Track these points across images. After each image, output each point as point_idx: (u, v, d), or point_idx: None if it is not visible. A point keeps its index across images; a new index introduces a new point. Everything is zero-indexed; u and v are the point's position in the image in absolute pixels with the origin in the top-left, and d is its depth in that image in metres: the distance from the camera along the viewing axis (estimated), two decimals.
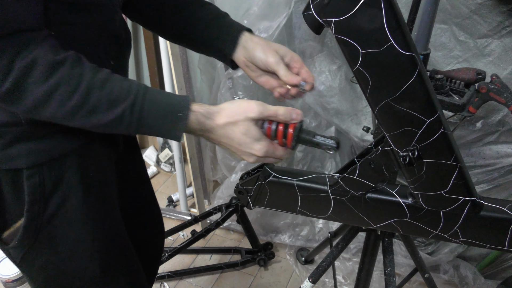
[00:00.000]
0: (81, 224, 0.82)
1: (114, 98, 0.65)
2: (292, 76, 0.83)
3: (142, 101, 0.67)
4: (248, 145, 0.71)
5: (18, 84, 0.60)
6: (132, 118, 0.66)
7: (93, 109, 0.64)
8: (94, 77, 0.64)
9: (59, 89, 0.62)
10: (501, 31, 1.41)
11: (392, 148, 0.70)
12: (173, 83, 1.85)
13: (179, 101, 0.69)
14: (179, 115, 0.68)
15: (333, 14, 0.61)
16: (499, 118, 1.52)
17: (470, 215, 0.74)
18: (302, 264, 1.92)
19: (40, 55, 0.60)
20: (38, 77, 0.60)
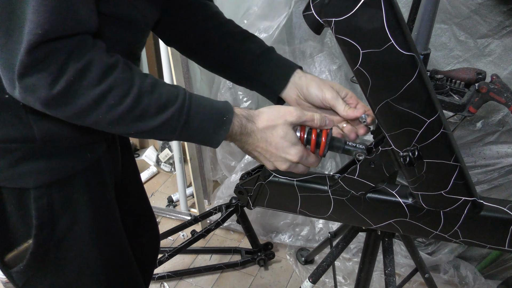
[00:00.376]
0: (90, 246, 0.81)
1: (163, 103, 0.64)
2: (352, 110, 0.80)
3: (189, 105, 0.66)
4: (285, 149, 0.71)
5: (70, 87, 0.58)
6: (178, 123, 0.66)
7: (142, 114, 0.63)
8: (144, 81, 0.63)
9: (111, 93, 0.60)
10: (501, 31, 1.41)
11: (392, 148, 0.70)
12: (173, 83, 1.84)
13: (222, 105, 0.69)
14: (224, 119, 0.68)
15: (333, 14, 0.61)
16: (499, 118, 1.52)
17: (470, 215, 0.74)
18: (302, 264, 1.92)
19: (95, 58, 0.59)
20: (92, 80, 0.59)
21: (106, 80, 0.60)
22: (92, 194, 0.80)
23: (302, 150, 0.72)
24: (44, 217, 0.74)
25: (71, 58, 0.57)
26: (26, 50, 0.54)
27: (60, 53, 0.56)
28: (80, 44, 0.58)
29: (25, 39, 0.53)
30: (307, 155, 0.73)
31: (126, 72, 0.62)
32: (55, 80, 0.57)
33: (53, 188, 0.74)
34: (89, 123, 0.63)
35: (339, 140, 0.76)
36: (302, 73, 0.85)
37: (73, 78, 0.57)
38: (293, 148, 0.71)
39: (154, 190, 2.40)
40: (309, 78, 0.83)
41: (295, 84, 0.84)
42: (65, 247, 0.78)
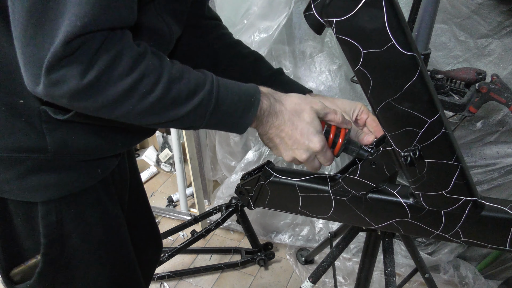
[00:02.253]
0: (100, 264, 0.79)
1: (193, 87, 0.63)
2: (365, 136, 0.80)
3: (218, 88, 0.65)
4: (310, 136, 0.70)
5: (101, 76, 0.56)
6: (208, 107, 0.64)
7: (173, 100, 0.62)
8: (172, 67, 0.62)
9: (143, 81, 0.59)
10: (501, 31, 1.41)
11: (394, 148, 0.70)
12: None
13: (250, 86, 0.69)
14: (252, 100, 0.67)
15: (334, 14, 0.61)
16: (499, 118, 1.52)
17: (471, 215, 0.74)
18: (302, 264, 1.92)
19: (125, 47, 0.57)
20: (123, 69, 0.57)
21: (137, 68, 0.58)
22: (103, 211, 0.77)
23: (325, 140, 0.72)
24: (53, 234, 0.71)
25: (102, 48, 0.55)
26: (63, 42, 0.52)
27: (92, 44, 0.54)
28: (111, 34, 0.56)
29: (63, 30, 0.52)
30: (327, 148, 0.73)
31: (155, 59, 0.61)
32: (86, 70, 0.55)
33: (62, 204, 0.71)
34: (118, 114, 0.61)
35: (355, 144, 0.76)
36: (312, 95, 0.85)
37: (105, 68, 0.56)
38: (317, 136, 0.70)
39: (154, 190, 2.40)
40: (321, 97, 0.83)
41: None
42: (74, 266, 0.75)
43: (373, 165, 0.74)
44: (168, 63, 0.63)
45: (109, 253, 0.80)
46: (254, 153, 1.87)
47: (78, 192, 0.73)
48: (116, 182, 0.84)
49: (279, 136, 0.72)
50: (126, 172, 0.90)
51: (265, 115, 0.69)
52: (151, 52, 0.61)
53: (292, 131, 0.70)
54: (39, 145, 0.67)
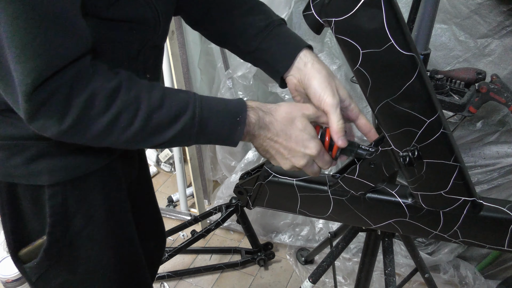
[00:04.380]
0: (103, 245, 0.81)
1: (174, 114, 0.63)
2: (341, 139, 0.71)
3: (201, 111, 0.64)
4: (305, 142, 0.69)
5: (79, 120, 0.58)
6: (192, 130, 0.65)
7: (155, 129, 0.63)
8: (151, 96, 0.62)
9: (121, 117, 0.60)
10: (501, 31, 1.41)
11: (392, 148, 0.70)
12: (173, 83, 1.85)
13: (235, 104, 0.67)
14: (238, 119, 0.66)
15: (333, 14, 0.61)
16: (499, 118, 1.52)
17: (470, 215, 0.74)
18: (302, 264, 1.92)
19: (97, 86, 0.58)
20: (99, 109, 0.58)
21: (113, 105, 0.59)
22: (107, 195, 0.79)
23: (321, 144, 0.71)
24: (58, 215, 0.74)
25: (73, 92, 0.56)
26: (24, 100, 0.54)
27: (60, 91, 0.56)
28: (79, 74, 0.57)
29: (18, 90, 0.54)
30: (324, 152, 0.71)
31: (131, 91, 0.61)
32: (62, 118, 0.57)
33: (68, 186, 0.74)
34: (106, 144, 0.63)
35: (353, 144, 0.74)
36: (310, 56, 0.76)
37: (80, 112, 0.57)
38: (313, 141, 0.69)
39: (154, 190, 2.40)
40: (316, 68, 0.74)
41: (298, 69, 0.76)
42: (78, 245, 0.78)
43: (371, 165, 0.74)
44: (146, 91, 0.62)
45: (111, 235, 0.82)
46: (254, 153, 1.87)
47: (83, 175, 0.75)
48: (124, 167, 0.85)
49: (274, 148, 0.71)
50: (134, 158, 0.92)
51: (255, 130, 0.68)
52: (127, 83, 0.61)
53: (286, 141, 0.69)
54: None
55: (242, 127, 0.67)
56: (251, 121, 0.67)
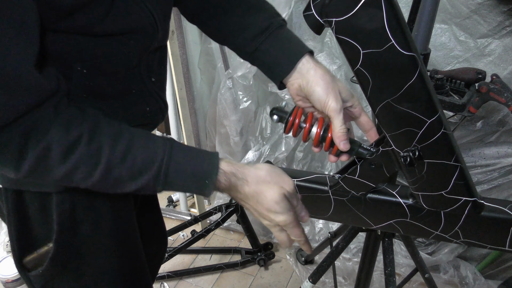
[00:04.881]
0: (110, 253, 0.80)
1: (136, 170, 0.62)
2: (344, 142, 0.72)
3: (166, 172, 0.63)
4: (276, 214, 0.67)
5: (34, 169, 0.57)
6: (156, 187, 0.64)
7: (115, 182, 0.62)
8: (114, 150, 0.60)
9: (78, 170, 0.59)
10: (501, 31, 1.41)
11: (393, 149, 0.70)
12: (173, 83, 1.85)
13: (205, 166, 0.65)
14: (206, 182, 0.65)
15: (333, 14, 0.60)
16: (499, 118, 1.52)
17: (471, 216, 0.74)
18: (302, 264, 1.92)
19: (53, 139, 0.56)
20: (54, 161, 0.57)
21: (70, 159, 0.58)
22: (114, 202, 0.78)
23: (293, 219, 0.68)
24: (66, 222, 0.73)
25: (28, 143, 0.55)
26: None
27: (13, 142, 0.55)
28: (35, 125, 0.55)
29: None
30: (295, 225, 0.69)
31: (92, 144, 0.59)
32: (18, 166, 0.57)
33: (75, 193, 0.72)
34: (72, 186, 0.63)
35: (354, 142, 0.74)
36: (312, 62, 0.75)
37: (35, 163, 0.57)
38: (286, 215, 0.67)
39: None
40: (319, 74, 0.73)
41: (300, 74, 0.75)
42: (85, 253, 0.77)
43: (372, 165, 0.74)
44: (110, 143, 0.60)
45: (118, 243, 0.81)
46: (254, 153, 1.87)
47: None
48: None
49: (245, 206, 0.71)
50: None
51: (225, 191, 0.68)
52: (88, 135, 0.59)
53: (256, 206, 0.68)
54: None
55: (210, 188, 0.65)
56: (220, 186, 0.66)
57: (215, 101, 1.85)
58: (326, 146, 0.74)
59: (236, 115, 1.83)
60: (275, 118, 0.77)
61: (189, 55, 1.95)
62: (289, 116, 0.75)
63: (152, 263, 1.08)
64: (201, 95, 2.06)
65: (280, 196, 0.67)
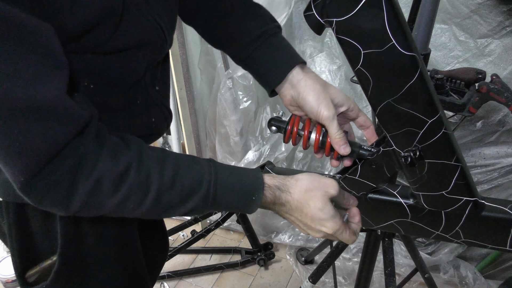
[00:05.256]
0: (113, 262, 0.79)
1: (185, 194, 0.61)
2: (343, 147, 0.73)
3: (215, 191, 0.62)
4: (322, 221, 0.66)
5: (85, 204, 0.55)
6: (204, 208, 0.63)
7: (165, 208, 0.61)
8: (163, 176, 0.59)
9: (129, 200, 0.57)
10: (501, 31, 1.41)
11: (394, 149, 0.70)
12: (173, 83, 1.84)
13: (251, 183, 0.64)
14: (253, 198, 0.64)
15: (334, 14, 0.61)
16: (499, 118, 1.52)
17: (471, 216, 0.74)
18: (302, 264, 1.92)
19: (103, 171, 0.54)
20: (107, 193, 0.56)
21: (121, 190, 0.56)
22: None
23: (339, 225, 0.66)
24: (70, 235, 0.72)
25: (77, 178, 0.53)
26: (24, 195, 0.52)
27: (62, 180, 0.52)
28: (83, 158, 0.53)
29: (16, 187, 0.52)
30: (343, 230, 0.67)
31: (141, 172, 0.58)
32: (68, 203, 0.54)
33: None
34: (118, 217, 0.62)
35: (354, 144, 0.74)
36: (302, 73, 0.75)
37: (87, 197, 0.55)
38: (331, 221, 0.65)
39: None
40: (309, 85, 0.74)
41: (291, 85, 0.76)
42: (89, 265, 0.76)
43: (373, 165, 0.74)
44: (158, 171, 0.59)
45: (121, 252, 0.80)
46: (254, 153, 1.87)
47: None
48: None
49: (290, 219, 0.69)
50: None
51: (270, 205, 0.67)
52: (136, 164, 0.57)
53: (301, 217, 0.67)
54: None
55: (257, 204, 0.65)
56: (267, 200, 0.66)
57: (215, 101, 1.85)
58: (326, 151, 0.75)
59: (236, 115, 1.83)
60: (273, 129, 0.78)
61: (189, 55, 1.95)
62: (286, 126, 0.76)
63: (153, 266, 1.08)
64: (201, 95, 2.06)
65: (323, 202, 0.65)
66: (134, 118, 0.73)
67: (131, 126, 0.72)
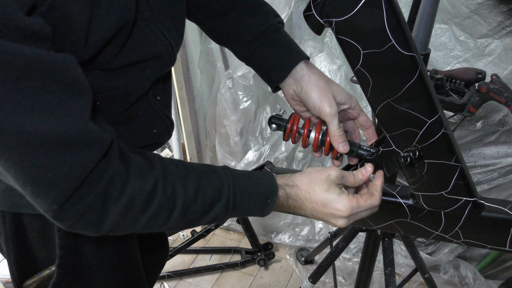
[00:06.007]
0: (112, 271, 0.79)
1: (208, 205, 0.63)
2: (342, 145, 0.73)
3: (234, 199, 0.64)
4: (332, 204, 0.66)
5: (117, 225, 0.56)
6: (225, 215, 0.65)
7: (190, 220, 0.63)
8: (186, 191, 0.61)
9: (159, 216, 0.59)
10: (501, 31, 1.41)
11: (393, 149, 0.70)
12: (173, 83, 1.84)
13: (267, 187, 0.67)
14: (268, 201, 0.66)
15: (334, 15, 0.60)
16: (499, 118, 1.52)
17: (471, 216, 0.74)
18: (302, 264, 1.92)
19: (133, 191, 0.56)
20: (137, 213, 0.57)
21: (150, 208, 0.58)
22: None
23: (350, 199, 0.66)
24: (69, 244, 0.71)
25: (108, 201, 0.54)
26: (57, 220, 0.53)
27: (94, 205, 0.53)
28: (113, 179, 0.54)
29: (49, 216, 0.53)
30: (357, 204, 0.67)
31: (167, 188, 0.59)
32: (100, 225, 0.55)
33: None
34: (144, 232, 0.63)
35: (354, 144, 0.75)
36: (305, 69, 0.75)
37: (118, 218, 0.56)
38: (340, 200, 0.66)
39: None
40: (313, 80, 0.74)
41: (294, 81, 0.76)
42: (88, 274, 0.75)
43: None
44: (181, 185, 0.61)
45: (120, 260, 0.80)
46: (254, 153, 1.87)
47: None
48: None
49: (306, 214, 0.70)
50: None
51: (283, 204, 0.69)
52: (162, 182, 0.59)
53: (313, 206, 0.68)
54: None
55: (271, 206, 0.67)
56: (280, 199, 0.68)
57: (215, 101, 1.85)
58: (325, 150, 0.75)
59: (236, 115, 1.83)
60: (273, 126, 0.78)
61: (189, 55, 1.95)
62: (286, 124, 0.77)
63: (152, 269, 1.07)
64: (201, 95, 2.06)
65: (327, 184, 0.67)
66: (136, 130, 0.72)
67: (133, 138, 0.72)
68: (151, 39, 0.64)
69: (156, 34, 0.64)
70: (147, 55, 0.64)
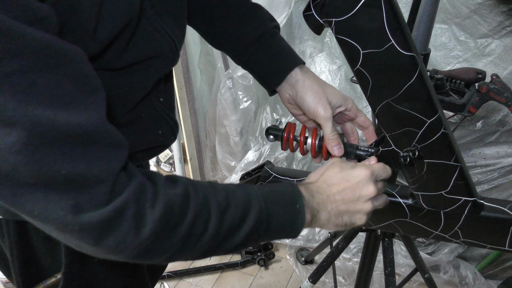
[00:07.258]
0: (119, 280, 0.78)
1: (242, 212, 0.57)
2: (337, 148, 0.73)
3: (265, 204, 0.59)
4: (352, 174, 0.65)
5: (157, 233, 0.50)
6: (261, 227, 0.59)
7: (227, 232, 0.56)
8: (218, 197, 0.56)
9: (196, 223, 0.53)
10: (501, 31, 1.41)
11: (393, 148, 0.70)
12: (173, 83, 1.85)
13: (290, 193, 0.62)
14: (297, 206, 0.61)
15: (333, 14, 0.61)
16: (499, 118, 1.52)
17: (470, 216, 0.74)
18: (302, 264, 1.92)
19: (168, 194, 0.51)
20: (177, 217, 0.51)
21: (188, 212, 0.52)
22: None
23: (365, 165, 0.66)
24: (75, 253, 0.68)
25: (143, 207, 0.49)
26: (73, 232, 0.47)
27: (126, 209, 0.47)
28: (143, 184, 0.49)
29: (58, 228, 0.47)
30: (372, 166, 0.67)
31: (199, 193, 0.55)
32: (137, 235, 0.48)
33: None
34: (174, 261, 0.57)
35: (351, 146, 0.75)
36: (300, 73, 0.77)
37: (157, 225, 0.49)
38: (357, 168, 0.66)
39: None
40: (307, 85, 0.75)
41: (290, 85, 0.78)
42: (95, 281, 0.74)
43: None
44: (211, 194, 0.56)
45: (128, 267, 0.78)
46: (254, 153, 1.87)
47: None
48: None
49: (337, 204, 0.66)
50: None
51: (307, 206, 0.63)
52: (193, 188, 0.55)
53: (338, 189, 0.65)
54: None
55: (303, 214, 0.62)
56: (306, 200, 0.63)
57: (215, 101, 1.86)
58: (324, 155, 0.75)
59: (236, 115, 1.83)
60: (271, 137, 0.80)
61: (189, 55, 1.95)
62: (282, 133, 0.78)
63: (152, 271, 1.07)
64: (201, 95, 2.07)
65: (338, 165, 0.67)
66: (140, 133, 0.71)
67: (137, 140, 0.70)
68: (154, 37, 0.62)
69: (160, 32, 0.63)
70: (151, 53, 0.62)
